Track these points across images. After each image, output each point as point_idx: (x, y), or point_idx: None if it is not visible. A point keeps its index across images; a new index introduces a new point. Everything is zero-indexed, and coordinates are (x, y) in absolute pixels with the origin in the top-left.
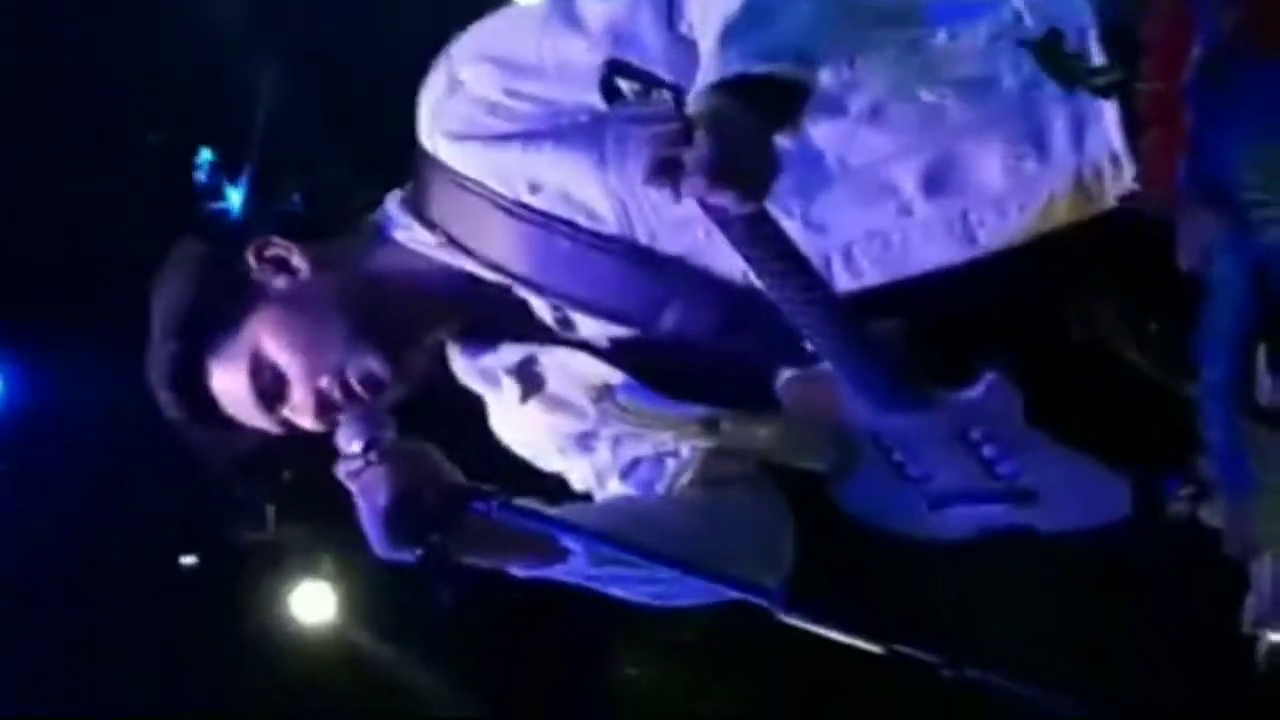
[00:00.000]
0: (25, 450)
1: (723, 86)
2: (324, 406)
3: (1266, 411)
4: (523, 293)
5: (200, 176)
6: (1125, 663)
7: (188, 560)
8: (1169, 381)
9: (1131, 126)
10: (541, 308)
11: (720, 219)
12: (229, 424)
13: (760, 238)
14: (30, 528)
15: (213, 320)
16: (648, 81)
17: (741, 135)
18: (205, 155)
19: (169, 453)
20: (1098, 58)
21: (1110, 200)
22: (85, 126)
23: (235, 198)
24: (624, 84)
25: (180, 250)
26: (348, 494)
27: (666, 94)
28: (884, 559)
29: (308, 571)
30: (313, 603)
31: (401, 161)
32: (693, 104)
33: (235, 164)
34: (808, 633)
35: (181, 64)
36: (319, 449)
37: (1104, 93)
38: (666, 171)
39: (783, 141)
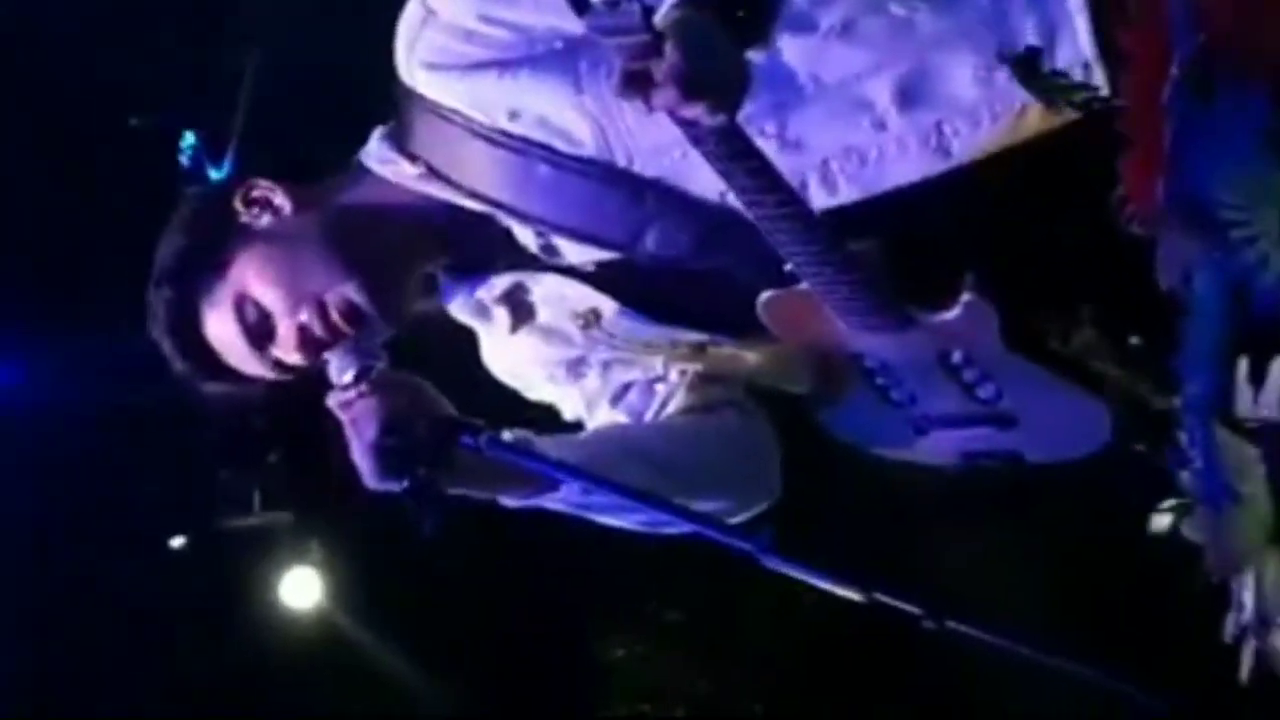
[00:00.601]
0: (12, 434)
1: (690, 1)
2: (307, 340)
3: (1246, 424)
4: (506, 220)
5: (184, 160)
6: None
7: (177, 542)
8: (1150, 395)
9: (1102, 34)
10: (525, 235)
11: (692, 132)
12: (229, 372)
13: (733, 151)
14: (18, 511)
15: (202, 264)
16: None
17: (711, 46)
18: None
19: (157, 435)
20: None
21: (1069, 109)
22: (68, 111)
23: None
24: None
25: (180, 203)
26: (334, 477)
27: (635, 5)
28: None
29: (296, 557)
30: (301, 588)
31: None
32: (662, 17)
33: (219, 146)
34: (794, 615)
35: (163, 46)
36: (305, 430)
37: (1083, 109)
38: (637, 84)
39: (755, 57)
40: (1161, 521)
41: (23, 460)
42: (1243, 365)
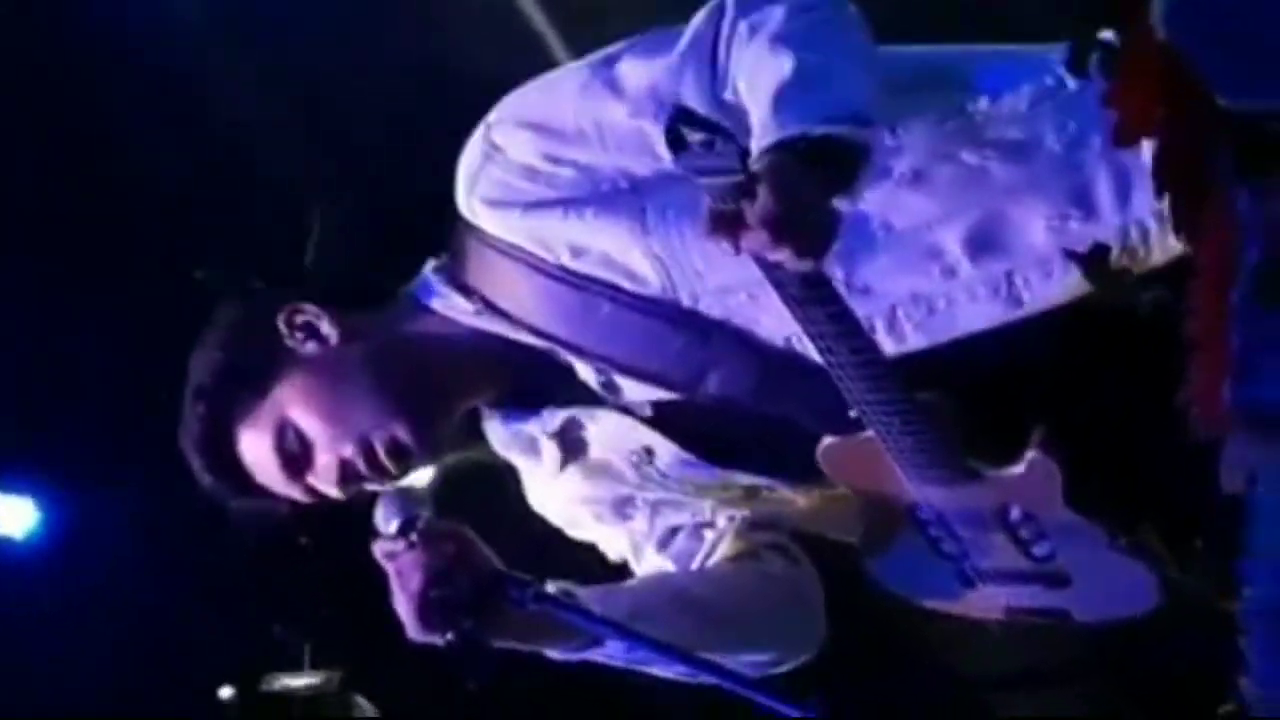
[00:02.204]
0: (65, 581)
1: (782, 147)
2: (347, 475)
3: None
4: (567, 357)
5: None
6: None
7: (225, 693)
8: (1212, 599)
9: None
10: (586, 372)
11: (776, 277)
12: (259, 491)
13: (815, 298)
14: (68, 659)
15: (241, 384)
16: (713, 130)
17: (803, 192)
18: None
19: (207, 585)
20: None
21: (1155, 259)
22: (133, 262)
23: None
24: (689, 133)
25: (217, 315)
26: (379, 634)
27: (732, 145)
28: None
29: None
30: None
31: None
32: (755, 162)
33: None
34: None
35: (226, 199)
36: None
37: (1151, 308)
38: (727, 225)
39: (841, 204)
40: None
41: (71, 607)
42: None
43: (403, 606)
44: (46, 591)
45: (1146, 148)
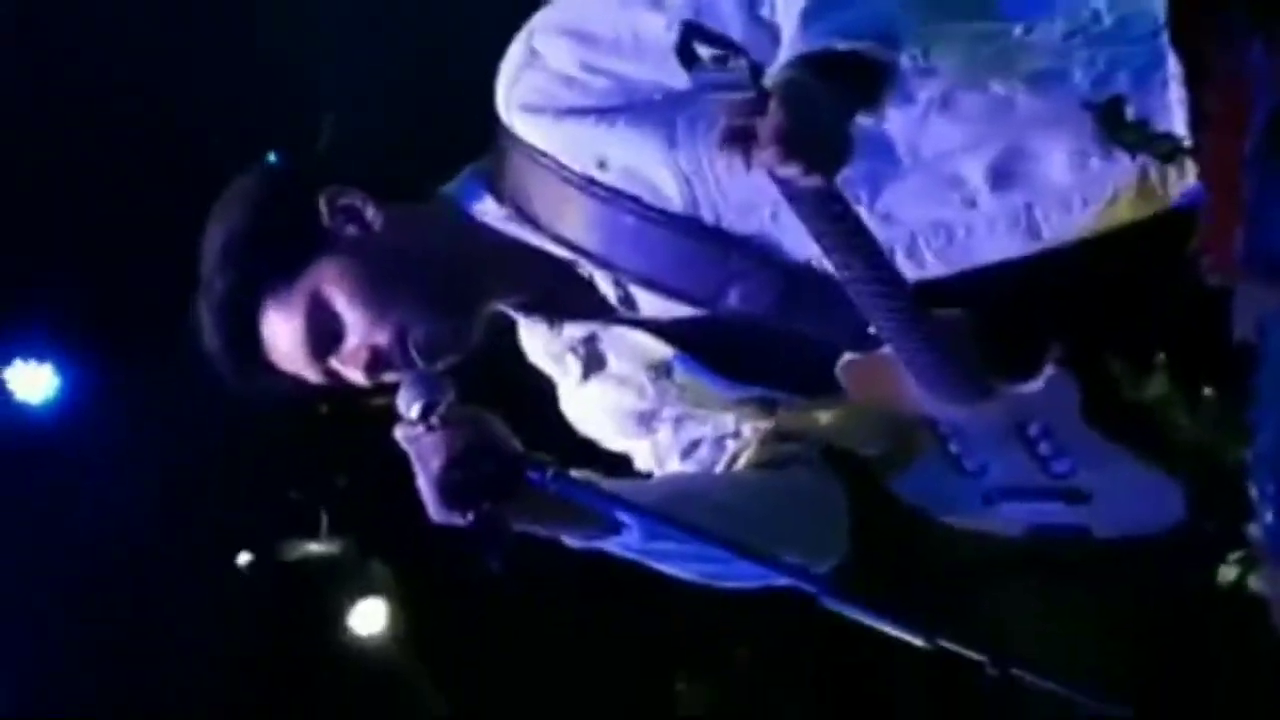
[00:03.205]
0: (83, 448)
1: (805, 61)
2: (376, 363)
3: None
4: (588, 268)
5: None
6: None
7: (243, 559)
8: (1221, 447)
9: (1198, 126)
10: (606, 284)
11: (789, 192)
12: (269, 367)
13: (829, 214)
14: (86, 525)
15: (277, 257)
16: (725, 46)
17: (817, 108)
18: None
19: (224, 451)
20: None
21: (1173, 198)
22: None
23: None
24: (701, 49)
25: (249, 179)
26: (402, 508)
27: (743, 61)
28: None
29: (364, 587)
30: (367, 617)
31: None
32: (771, 76)
33: None
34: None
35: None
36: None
37: (1166, 159)
38: (739, 140)
39: (863, 122)
40: (1229, 574)
41: (93, 472)
42: None
43: (424, 487)
44: (64, 457)
45: (1174, 63)
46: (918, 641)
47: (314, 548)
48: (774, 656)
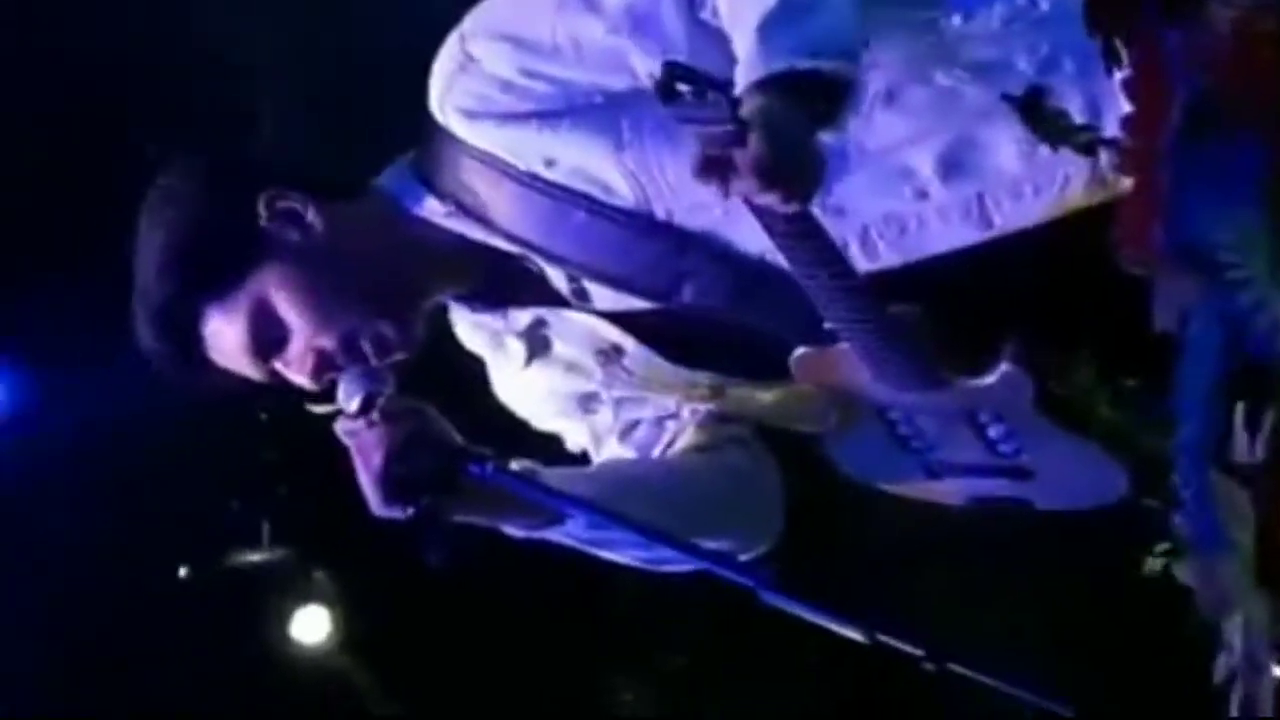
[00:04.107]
0: (25, 457)
1: (769, 84)
2: (322, 365)
3: (1241, 468)
4: (539, 262)
5: None
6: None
7: (183, 572)
8: (1144, 436)
9: None
10: (558, 277)
11: (765, 218)
12: (211, 367)
13: (800, 232)
14: (28, 536)
15: (217, 264)
16: (705, 84)
17: (792, 136)
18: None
19: (167, 463)
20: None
21: (1125, 185)
22: (86, 134)
23: None
24: (682, 87)
25: (184, 180)
26: (342, 513)
27: (722, 97)
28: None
29: (305, 594)
30: (309, 625)
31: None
32: (744, 104)
33: None
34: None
35: (181, 75)
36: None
37: (1086, 150)
38: (716, 170)
39: (827, 138)
40: (1154, 564)
41: (32, 483)
42: (1239, 410)
43: (365, 481)
44: (6, 470)
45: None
46: (857, 637)
47: (255, 557)
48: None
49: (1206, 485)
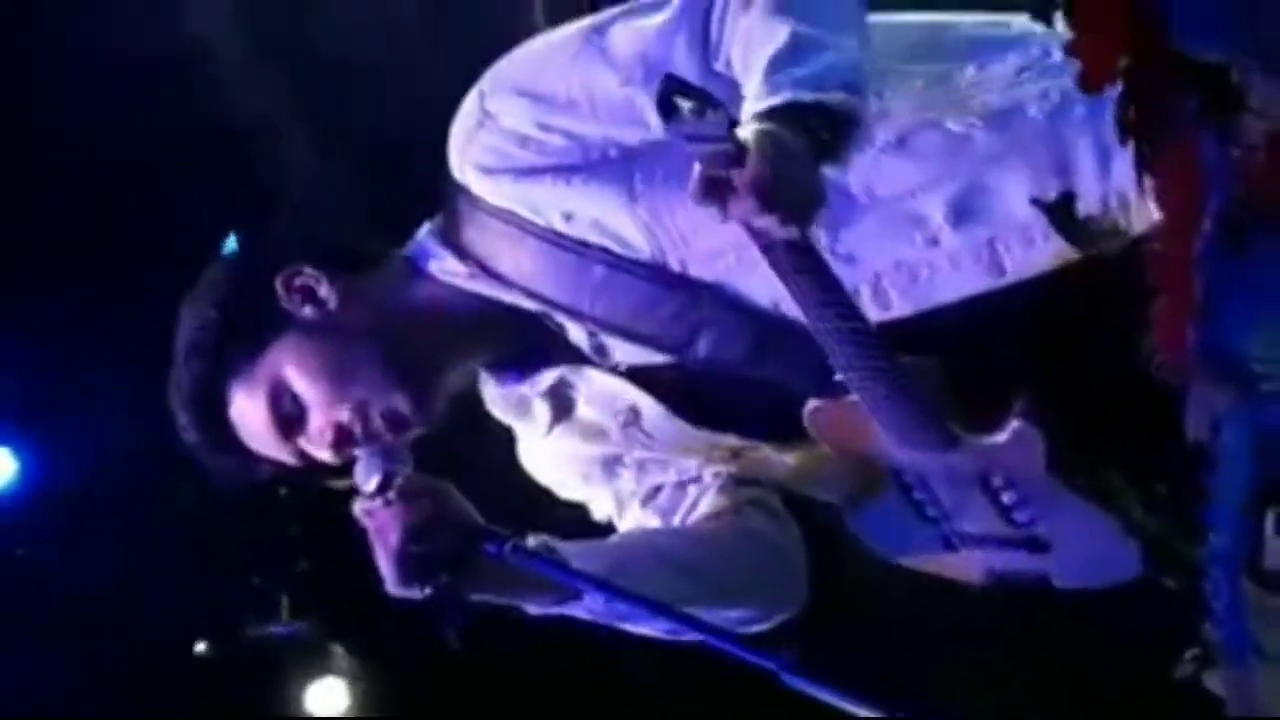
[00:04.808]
0: (42, 532)
1: (773, 114)
2: (341, 439)
3: (1272, 577)
4: (559, 319)
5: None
6: None
7: (200, 648)
8: (1175, 544)
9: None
10: (578, 334)
11: (763, 243)
12: (246, 452)
13: (801, 264)
14: (43, 610)
15: (236, 343)
16: (705, 100)
17: (792, 161)
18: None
19: (184, 539)
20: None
21: (1136, 229)
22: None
23: None
24: (682, 102)
25: (214, 270)
26: (362, 590)
27: (721, 114)
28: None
29: (322, 667)
30: (327, 698)
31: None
32: (745, 128)
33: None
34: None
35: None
36: (336, 540)
37: (1117, 256)
38: (715, 191)
39: (830, 172)
40: (1185, 670)
41: (48, 557)
42: (1270, 519)
43: (382, 561)
44: (22, 542)
45: None
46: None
47: (272, 630)
48: None
49: (1238, 595)
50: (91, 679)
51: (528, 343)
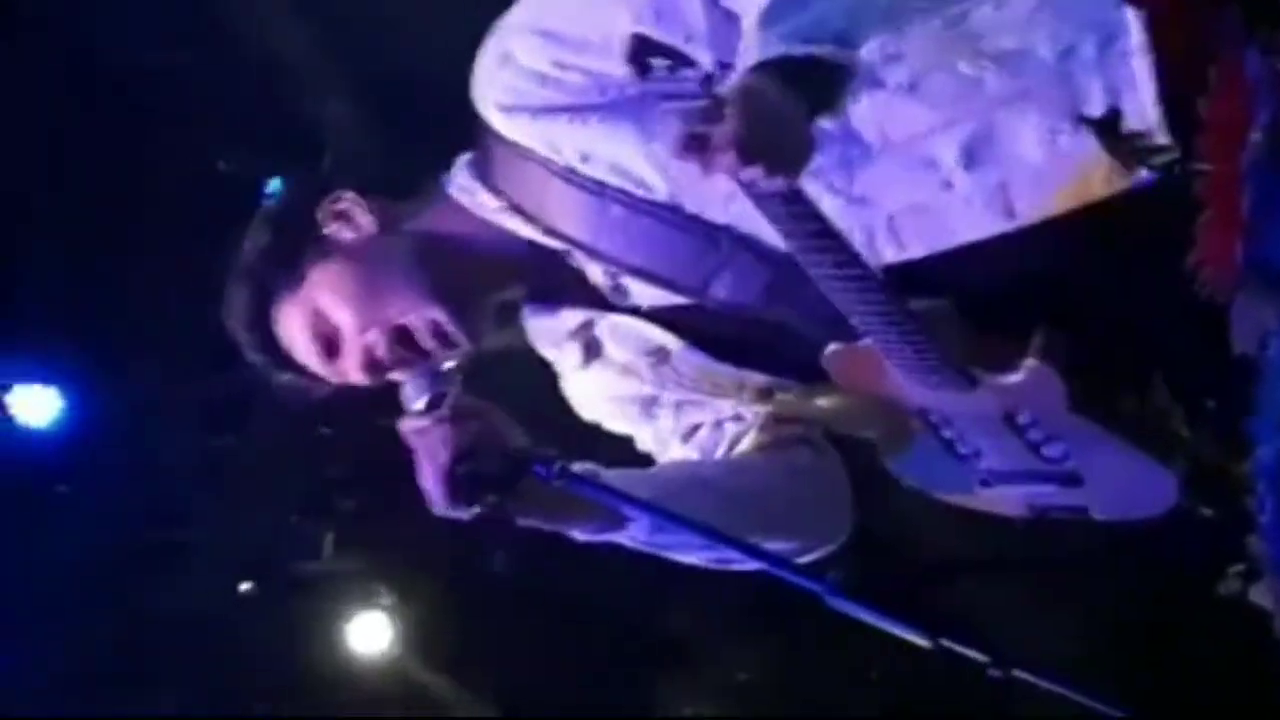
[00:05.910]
0: (87, 471)
1: (765, 68)
2: (371, 362)
3: None
4: (580, 259)
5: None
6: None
7: (245, 587)
8: (1222, 460)
9: (1168, 100)
10: (597, 274)
11: (754, 194)
12: (301, 366)
13: (793, 214)
14: (89, 549)
15: (278, 268)
16: (674, 56)
17: (772, 112)
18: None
19: (230, 479)
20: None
21: (1145, 171)
22: (156, 154)
23: None
24: (653, 60)
25: (263, 207)
26: (405, 523)
27: (695, 70)
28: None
29: (364, 602)
30: (370, 634)
31: None
32: (729, 82)
33: None
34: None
35: (250, 92)
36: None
37: (1164, 171)
38: (696, 147)
39: (825, 123)
40: (1231, 585)
41: (94, 497)
42: None
43: (429, 481)
44: (69, 480)
45: (1135, 29)
46: (921, 642)
47: (314, 567)
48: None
49: None
50: (133, 619)
51: (550, 280)
